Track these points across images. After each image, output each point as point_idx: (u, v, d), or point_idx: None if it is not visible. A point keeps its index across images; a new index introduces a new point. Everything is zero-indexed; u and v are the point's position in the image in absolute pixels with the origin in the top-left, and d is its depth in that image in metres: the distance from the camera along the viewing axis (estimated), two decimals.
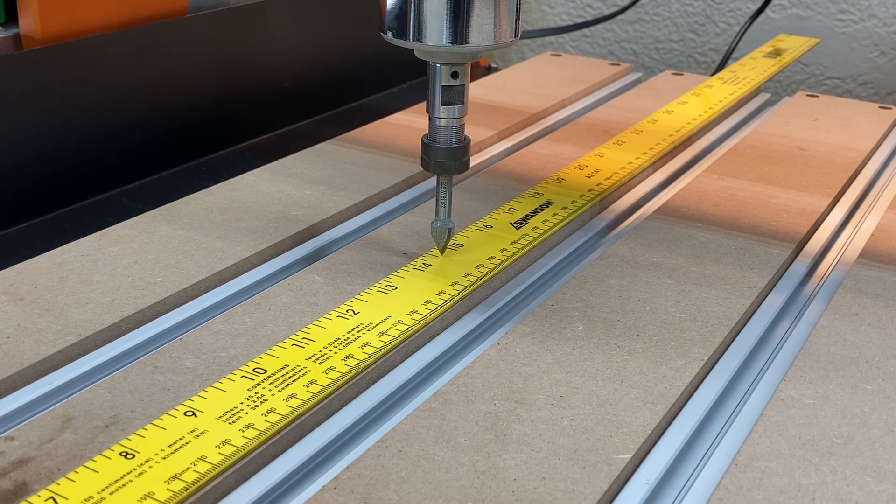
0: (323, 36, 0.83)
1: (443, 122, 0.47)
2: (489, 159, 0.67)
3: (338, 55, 0.85)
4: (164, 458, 0.34)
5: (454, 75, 0.46)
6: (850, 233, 0.57)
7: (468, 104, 0.47)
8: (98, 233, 0.52)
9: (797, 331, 0.46)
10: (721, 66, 0.96)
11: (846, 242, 0.56)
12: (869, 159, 0.68)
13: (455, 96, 0.46)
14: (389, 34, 0.46)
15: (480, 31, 0.44)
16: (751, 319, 0.47)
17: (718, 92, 0.79)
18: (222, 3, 0.75)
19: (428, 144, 0.48)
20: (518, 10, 0.45)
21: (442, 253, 0.49)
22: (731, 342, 0.45)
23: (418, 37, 0.44)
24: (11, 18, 0.65)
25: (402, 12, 0.45)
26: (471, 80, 0.82)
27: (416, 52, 0.46)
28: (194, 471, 0.34)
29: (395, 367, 0.42)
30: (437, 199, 0.49)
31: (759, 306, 0.48)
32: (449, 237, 0.49)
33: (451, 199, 0.49)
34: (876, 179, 0.66)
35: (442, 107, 0.46)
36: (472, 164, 0.65)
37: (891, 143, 0.72)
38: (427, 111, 0.47)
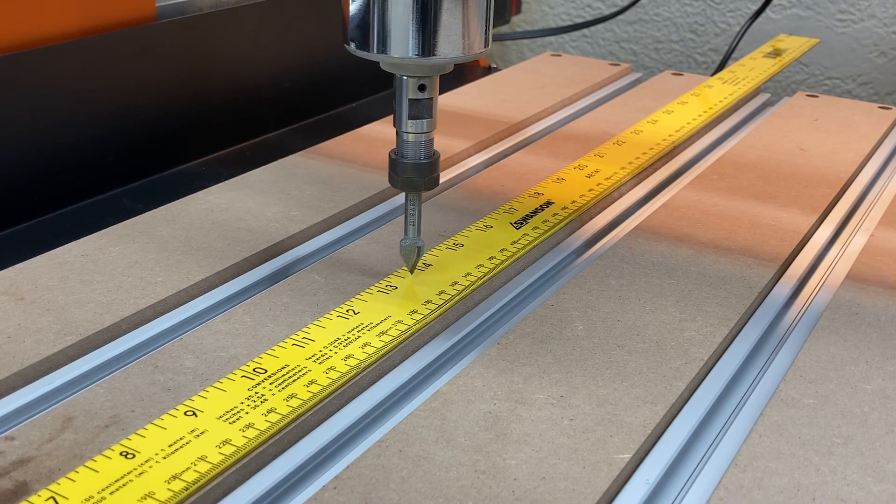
0: (327, 37, 0.83)
1: (410, 137, 0.45)
2: (488, 159, 0.67)
3: (336, 55, 0.85)
4: (165, 458, 0.34)
5: (421, 88, 0.44)
6: (849, 233, 0.57)
7: (437, 118, 0.45)
8: (98, 233, 0.52)
9: (797, 330, 0.46)
10: (721, 67, 0.96)
11: (846, 243, 0.56)
12: (869, 159, 0.68)
13: (423, 110, 0.44)
14: (352, 45, 0.43)
15: (448, 42, 0.42)
16: (751, 319, 0.47)
17: (718, 92, 0.79)
18: (222, 4, 0.75)
19: (395, 160, 0.45)
20: (488, 20, 0.43)
21: (412, 272, 0.48)
22: (731, 342, 0.45)
23: (382, 48, 0.42)
24: None
25: (364, 22, 0.42)
26: (470, 81, 0.82)
27: (381, 65, 0.44)
28: (194, 470, 0.34)
29: (395, 367, 0.42)
30: (405, 217, 0.46)
31: (759, 306, 0.48)
32: (418, 256, 0.47)
33: (420, 216, 0.47)
34: (875, 180, 0.66)
35: (409, 121, 0.44)
36: (472, 164, 0.65)
37: (890, 143, 0.72)
38: (394, 125, 0.45)
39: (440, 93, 0.46)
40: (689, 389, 0.41)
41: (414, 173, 0.45)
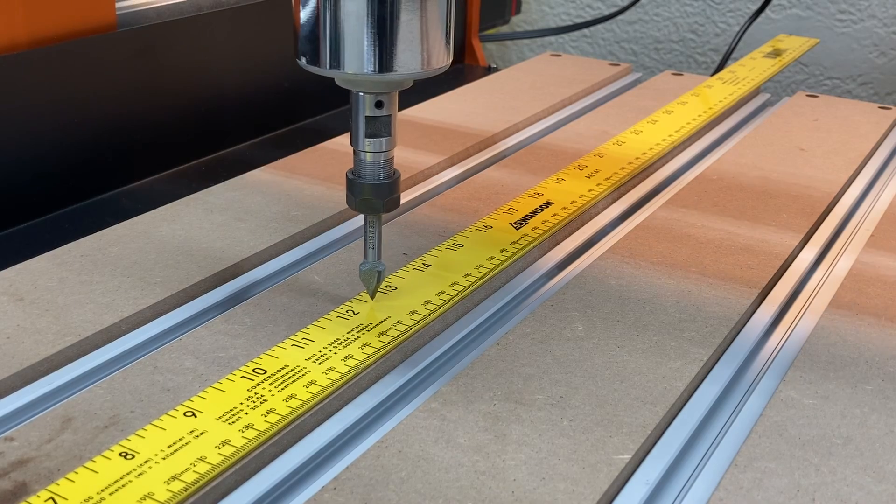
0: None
1: (368, 157, 0.42)
2: (487, 160, 0.67)
3: None
4: (164, 459, 0.34)
5: (379, 105, 0.41)
6: (849, 234, 0.57)
7: (396, 136, 0.43)
8: (98, 233, 0.52)
9: (797, 331, 0.46)
10: (721, 67, 0.96)
11: (845, 243, 0.56)
12: (868, 161, 0.68)
13: (381, 128, 0.41)
14: (303, 60, 0.40)
15: (407, 57, 0.39)
16: (751, 319, 0.47)
17: (718, 92, 0.79)
18: (222, 4, 0.75)
19: (353, 180, 0.43)
20: (449, 32, 0.40)
21: (372, 297, 0.45)
22: (731, 342, 0.45)
23: (335, 64, 0.39)
24: None
25: (314, 35, 0.39)
26: (469, 82, 0.82)
27: (336, 80, 0.41)
28: (194, 471, 0.34)
29: (394, 367, 0.42)
30: (364, 240, 0.44)
31: (759, 306, 0.48)
32: (379, 281, 0.45)
33: (380, 239, 0.44)
34: (874, 182, 0.66)
35: (366, 139, 0.42)
36: (480, 160, 0.65)
37: (890, 143, 0.72)
38: (351, 143, 0.43)
39: (403, 106, 0.43)
40: (689, 389, 0.41)
41: (372, 194, 0.43)
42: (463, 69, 1.00)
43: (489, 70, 1.00)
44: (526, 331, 0.44)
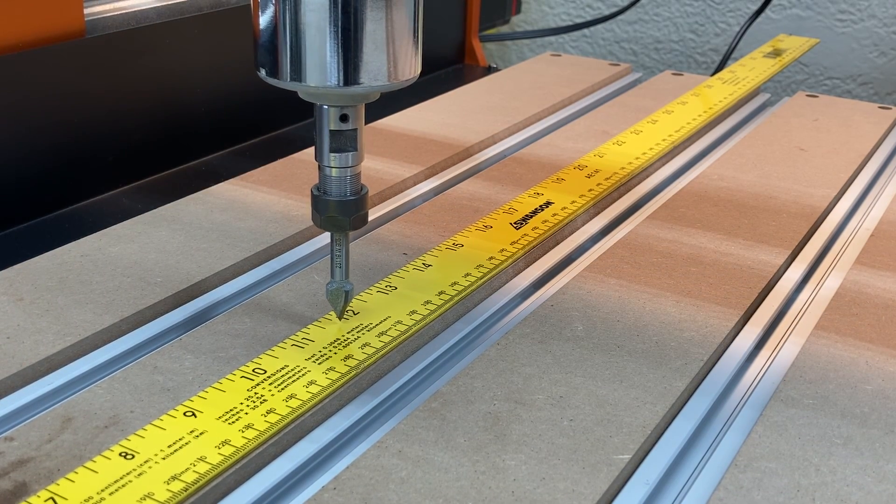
0: None
1: (334, 172, 0.40)
2: (487, 160, 0.67)
3: None
4: (164, 459, 0.34)
5: (344, 118, 0.39)
6: (851, 231, 0.57)
7: (363, 151, 0.41)
8: (98, 233, 0.52)
9: (797, 330, 0.46)
10: (721, 67, 0.96)
11: (847, 240, 0.56)
12: (869, 159, 0.68)
13: (346, 142, 0.40)
14: (262, 71, 0.39)
15: (372, 69, 0.37)
16: (751, 318, 0.47)
17: (718, 92, 0.79)
18: (222, 4, 0.75)
19: (317, 197, 0.41)
20: (417, 42, 0.39)
21: (339, 318, 0.44)
22: (731, 342, 0.45)
23: (297, 76, 0.37)
24: None
25: (273, 46, 0.37)
26: (469, 82, 0.82)
27: (298, 94, 0.39)
28: (194, 471, 0.34)
29: (395, 367, 0.42)
30: (331, 259, 0.42)
31: (759, 305, 0.48)
32: (346, 301, 0.43)
33: (347, 257, 0.42)
34: (874, 181, 0.66)
35: (331, 154, 0.40)
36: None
37: (890, 143, 0.72)
38: (315, 158, 0.41)
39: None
40: (689, 389, 0.41)
41: (338, 212, 0.41)
42: (463, 69, 1.00)
43: (489, 70, 1.00)
44: (526, 331, 0.44)
